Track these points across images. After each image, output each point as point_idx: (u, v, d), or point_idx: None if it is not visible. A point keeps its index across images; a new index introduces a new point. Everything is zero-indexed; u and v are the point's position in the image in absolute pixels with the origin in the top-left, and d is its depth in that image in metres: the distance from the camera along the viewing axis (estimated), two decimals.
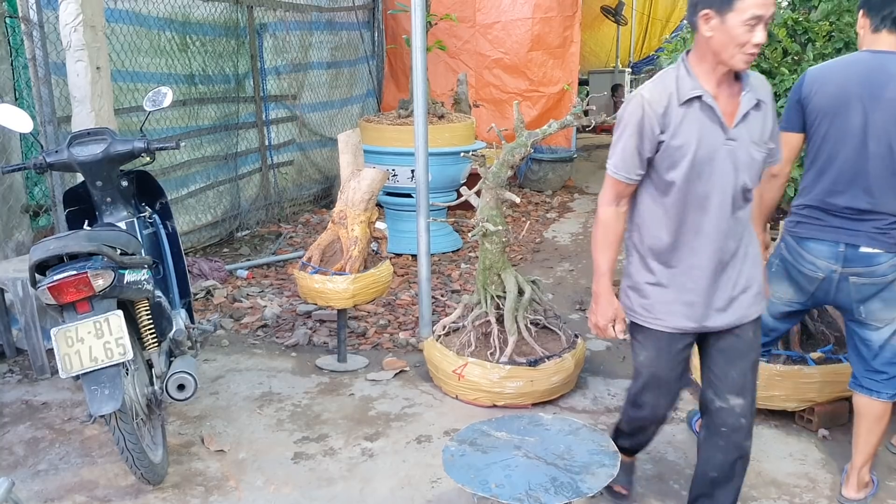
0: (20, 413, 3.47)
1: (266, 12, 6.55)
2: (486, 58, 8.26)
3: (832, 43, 3.91)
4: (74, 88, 3.86)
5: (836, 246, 2.62)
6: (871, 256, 2.58)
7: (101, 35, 3.94)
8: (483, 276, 3.67)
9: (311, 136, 7.40)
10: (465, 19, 8.06)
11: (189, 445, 3.20)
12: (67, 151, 3.01)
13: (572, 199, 8.09)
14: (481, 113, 7.78)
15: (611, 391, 3.68)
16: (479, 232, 3.59)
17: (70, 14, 3.77)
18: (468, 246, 6.11)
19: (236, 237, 6.25)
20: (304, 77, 7.20)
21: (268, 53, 6.62)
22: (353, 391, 3.71)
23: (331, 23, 7.57)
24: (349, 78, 8.02)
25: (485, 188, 3.62)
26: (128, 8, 5.02)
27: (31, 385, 3.74)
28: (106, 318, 2.57)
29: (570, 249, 6.22)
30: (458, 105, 6.66)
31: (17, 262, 3.97)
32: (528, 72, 8.20)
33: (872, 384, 2.71)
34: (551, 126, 3.64)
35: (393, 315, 4.69)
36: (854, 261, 2.60)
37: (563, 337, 3.70)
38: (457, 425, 3.34)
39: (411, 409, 3.52)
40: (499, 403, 3.47)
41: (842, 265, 2.62)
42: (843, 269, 2.62)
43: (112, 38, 4.78)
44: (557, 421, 2.91)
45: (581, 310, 4.80)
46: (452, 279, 5.34)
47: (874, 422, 2.72)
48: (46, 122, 4.15)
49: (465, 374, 3.47)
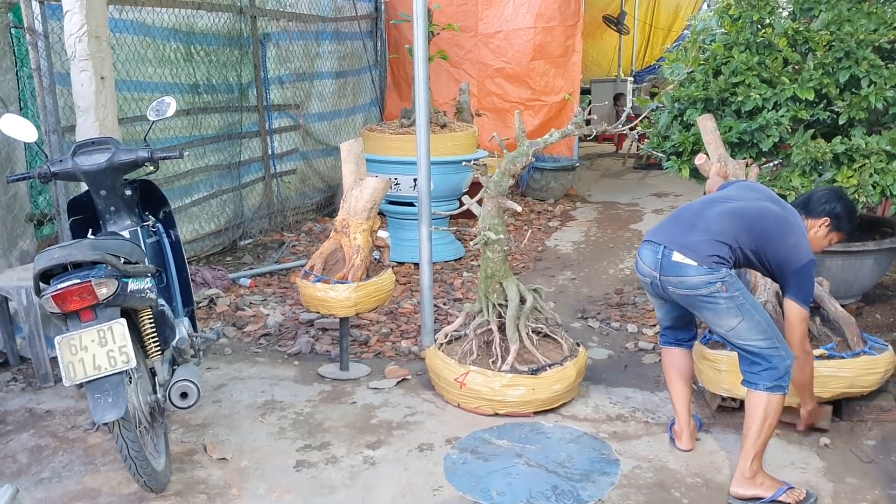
0: (24, 421, 3.48)
1: (269, 22, 6.59)
2: (488, 67, 8.30)
3: (832, 52, 3.93)
4: (78, 98, 3.89)
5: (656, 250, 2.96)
6: (682, 267, 2.84)
7: (106, 45, 3.97)
8: (485, 284, 3.68)
9: (315, 144, 7.43)
10: (467, 29, 8.10)
11: (192, 453, 3.21)
12: (71, 161, 3.03)
13: (574, 207, 8.10)
14: (483, 122, 7.81)
15: (612, 399, 3.69)
16: (480, 240, 3.60)
17: (75, 24, 3.80)
18: (470, 254, 6.13)
19: (239, 246, 6.27)
20: (307, 86, 7.23)
21: (271, 63, 6.65)
22: (355, 399, 3.72)
23: (334, 33, 7.61)
24: (352, 87, 8.06)
25: (486, 197, 3.63)
26: (133, 18, 5.06)
27: (35, 393, 3.75)
28: (109, 327, 2.59)
29: (573, 258, 6.23)
30: (460, 114, 6.69)
31: (21, 270, 3.99)
32: (530, 81, 8.23)
33: (748, 375, 2.87)
34: (552, 135, 3.66)
35: (395, 323, 4.70)
36: (665, 268, 2.90)
37: (564, 345, 3.71)
38: (458, 433, 3.35)
39: (413, 418, 3.52)
40: (500, 412, 3.47)
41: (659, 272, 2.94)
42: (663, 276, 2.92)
43: (117, 48, 4.82)
44: (558, 429, 2.93)
45: (583, 318, 4.81)
46: (454, 287, 5.35)
47: (749, 415, 2.84)
48: (51, 131, 4.18)
49: (467, 383, 3.47)
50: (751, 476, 2.80)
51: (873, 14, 3.95)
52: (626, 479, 2.98)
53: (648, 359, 4.15)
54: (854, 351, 3.29)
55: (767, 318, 2.84)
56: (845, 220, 3.03)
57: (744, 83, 4.08)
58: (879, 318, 4.48)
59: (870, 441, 3.24)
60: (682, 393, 3.20)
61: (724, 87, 4.14)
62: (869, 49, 3.86)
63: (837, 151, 3.81)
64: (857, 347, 3.31)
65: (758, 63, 4.10)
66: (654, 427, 3.40)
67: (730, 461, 3.09)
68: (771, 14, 4.22)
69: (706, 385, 3.38)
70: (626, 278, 5.63)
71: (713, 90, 4.16)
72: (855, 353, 3.27)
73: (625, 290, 5.31)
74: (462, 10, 8.15)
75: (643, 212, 7.86)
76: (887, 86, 3.78)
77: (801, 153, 3.84)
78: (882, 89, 3.77)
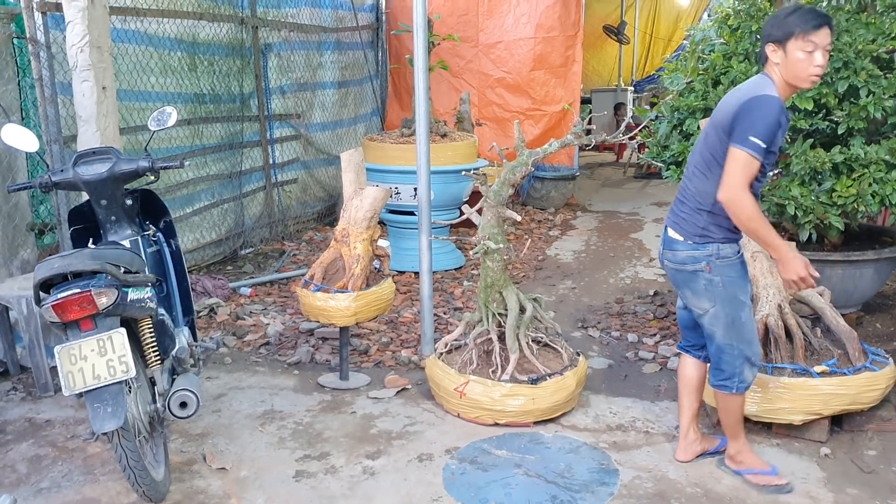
0: (23, 430, 3.48)
1: (271, 33, 6.62)
2: (488, 77, 8.32)
3: (831, 62, 3.93)
4: (80, 108, 3.90)
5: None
6: (673, 241, 2.90)
7: (107, 55, 3.99)
8: (485, 293, 3.68)
9: (316, 154, 7.45)
10: (467, 39, 8.13)
11: (191, 463, 3.21)
12: (73, 170, 3.04)
13: (575, 216, 8.11)
14: (484, 131, 7.83)
15: (612, 409, 3.68)
16: (480, 250, 3.61)
17: (77, 35, 3.82)
18: (470, 263, 6.13)
19: (240, 255, 6.28)
20: (308, 96, 7.26)
21: (272, 73, 6.68)
22: (354, 409, 3.71)
23: (335, 43, 7.64)
24: (353, 97, 8.09)
25: (486, 206, 3.64)
26: (136, 28, 5.08)
27: (35, 402, 3.75)
28: (109, 336, 2.59)
29: (573, 267, 6.23)
30: (460, 123, 6.71)
31: (21, 279, 4.00)
32: (530, 91, 8.25)
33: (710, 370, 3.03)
34: (552, 145, 3.67)
35: (395, 333, 4.70)
36: (665, 243, 2.96)
37: (564, 355, 3.70)
38: (458, 443, 3.35)
39: (413, 427, 3.52)
40: (500, 421, 3.47)
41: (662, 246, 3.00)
42: (663, 251, 2.98)
43: (120, 58, 4.84)
44: (558, 439, 2.92)
45: (583, 327, 4.81)
46: (455, 297, 5.35)
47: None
48: (52, 141, 4.19)
49: (467, 392, 3.47)
50: (734, 454, 3.05)
51: (871, 24, 3.96)
52: (626, 489, 2.98)
53: (648, 368, 4.15)
54: (855, 367, 3.28)
55: (740, 319, 2.86)
56: (789, 18, 2.68)
57: None
58: (880, 328, 4.48)
59: (870, 451, 3.24)
60: (683, 403, 3.20)
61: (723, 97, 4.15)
62: (867, 59, 3.87)
63: (836, 161, 3.81)
64: (858, 362, 3.29)
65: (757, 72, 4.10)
66: (655, 437, 3.40)
67: (730, 471, 3.08)
68: None
69: (705, 398, 3.38)
70: (626, 287, 5.63)
71: (712, 100, 4.17)
72: (856, 369, 3.26)
73: (625, 300, 5.31)
74: (462, 21, 8.18)
75: (644, 221, 7.86)
76: (886, 95, 3.78)
77: (800, 163, 3.85)
78: (881, 99, 3.77)
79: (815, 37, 2.66)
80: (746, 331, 2.90)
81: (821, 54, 2.67)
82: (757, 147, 2.61)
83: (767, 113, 2.62)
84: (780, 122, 2.65)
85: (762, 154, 2.63)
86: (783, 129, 2.71)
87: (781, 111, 2.65)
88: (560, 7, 8.03)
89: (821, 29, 2.66)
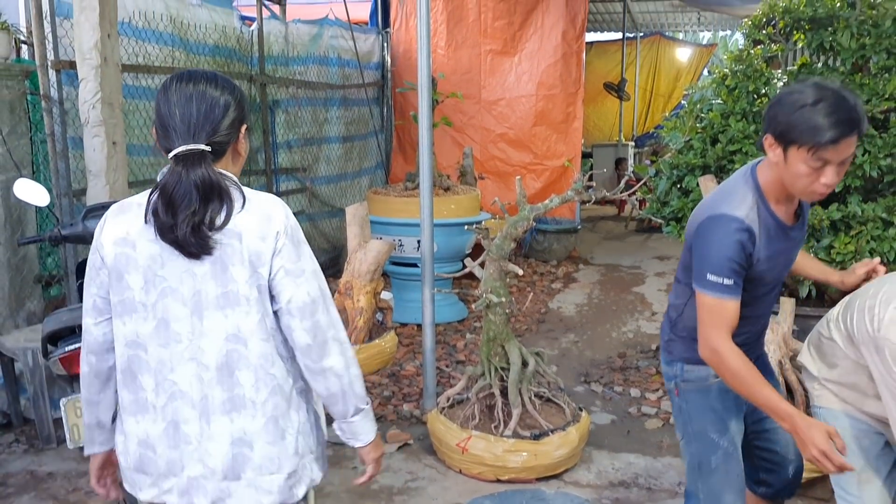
0: (25, 483, 3.47)
1: (278, 89, 6.76)
2: (490, 132, 8.47)
3: None
4: (90, 163, 3.98)
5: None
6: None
7: (118, 111, 4.09)
8: (487, 347, 3.70)
9: (321, 206, 7.53)
10: (470, 96, 8.29)
11: None
12: (82, 224, 3.09)
13: (577, 269, 8.15)
14: (486, 185, 7.92)
15: (615, 465, 3.66)
16: (483, 303, 3.64)
17: (89, 92, 3.92)
18: (473, 316, 6.15)
19: None
20: (314, 150, 7.38)
21: (280, 128, 6.81)
22: (356, 464, 3.69)
23: (341, 99, 7.80)
24: (358, 151, 8.21)
25: (488, 260, 3.68)
26: (147, 85, 5.20)
27: (37, 455, 3.74)
28: None
29: (575, 320, 6.25)
30: (463, 177, 6.80)
31: (27, 331, 4.02)
32: (532, 146, 8.39)
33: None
34: (553, 201, 3.73)
35: (397, 386, 4.70)
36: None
37: (567, 410, 3.70)
38: (460, 500, 3.33)
39: (414, 483, 3.50)
40: (502, 478, 3.45)
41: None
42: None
43: (132, 114, 4.94)
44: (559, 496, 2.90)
45: (586, 382, 4.80)
46: (457, 349, 5.35)
47: None
48: (62, 195, 4.27)
49: (469, 448, 3.46)
50: None
51: (866, 86, 4.05)
52: None
53: (651, 424, 4.13)
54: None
55: (708, 464, 2.30)
56: (799, 116, 1.97)
57: (741, 151, 4.17)
58: None
59: None
60: None
61: (721, 155, 4.23)
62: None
63: (834, 218, 3.86)
64: None
65: (754, 131, 4.19)
66: (657, 493, 3.38)
67: None
68: (766, 84, 4.34)
69: None
70: (628, 342, 5.64)
71: (711, 157, 4.25)
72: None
73: (628, 354, 5.32)
74: (465, 79, 8.36)
75: (645, 275, 7.89)
76: (881, 154, 3.85)
77: None
78: (876, 158, 3.84)
79: (830, 153, 1.95)
80: (715, 482, 2.27)
81: (833, 171, 1.98)
82: (717, 286, 2.06)
83: (718, 241, 2.07)
84: (743, 246, 2.06)
85: (729, 292, 2.06)
86: (759, 251, 2.11)
87: (740, 233, 2.07)
88: (561, 65, 8.22)
89: (840, 142, 1.94)
